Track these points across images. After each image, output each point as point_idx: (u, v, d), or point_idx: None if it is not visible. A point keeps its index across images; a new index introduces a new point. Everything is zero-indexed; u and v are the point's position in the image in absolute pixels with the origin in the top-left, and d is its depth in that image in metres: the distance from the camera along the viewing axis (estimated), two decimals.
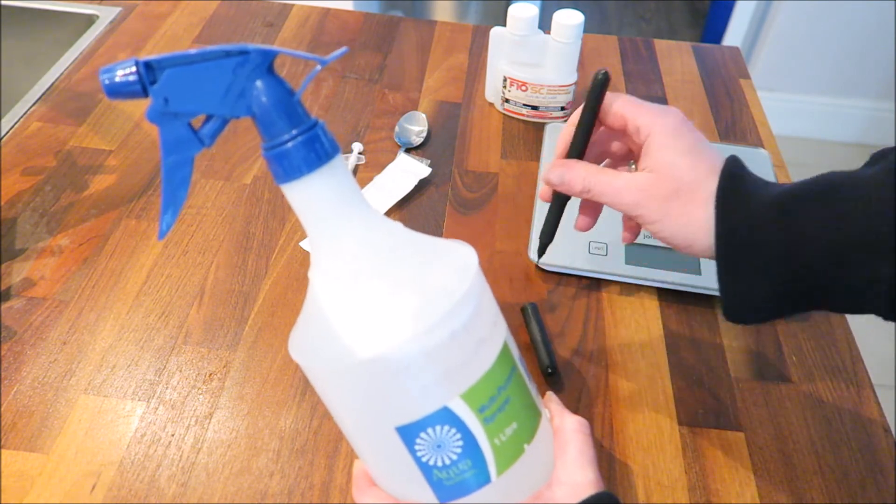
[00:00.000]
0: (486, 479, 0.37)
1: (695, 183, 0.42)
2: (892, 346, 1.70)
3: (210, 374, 0.56)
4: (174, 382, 0.55)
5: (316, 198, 0.36)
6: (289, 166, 0.35)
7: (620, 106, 0.45)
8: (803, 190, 0.40)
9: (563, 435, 0.41)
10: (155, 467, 0.50)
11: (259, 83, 0.35)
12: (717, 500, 0.49)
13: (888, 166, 0.39)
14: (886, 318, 0.40)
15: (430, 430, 0.36)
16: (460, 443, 0.36)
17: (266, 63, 0.35)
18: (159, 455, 0.51)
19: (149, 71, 0.34)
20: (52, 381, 0.55)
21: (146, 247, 0.65)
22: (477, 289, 0.37)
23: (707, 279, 0.63)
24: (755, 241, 0.40)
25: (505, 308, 0.45)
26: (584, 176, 0.45)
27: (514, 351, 0.40)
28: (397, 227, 0.38)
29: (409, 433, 0.36)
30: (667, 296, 0.64)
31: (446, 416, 0.35)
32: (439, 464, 0.37)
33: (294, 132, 0.35)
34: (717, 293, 0.63)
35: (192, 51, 0.34)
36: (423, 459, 0.36)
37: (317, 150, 0.35)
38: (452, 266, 0.37)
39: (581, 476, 0.39)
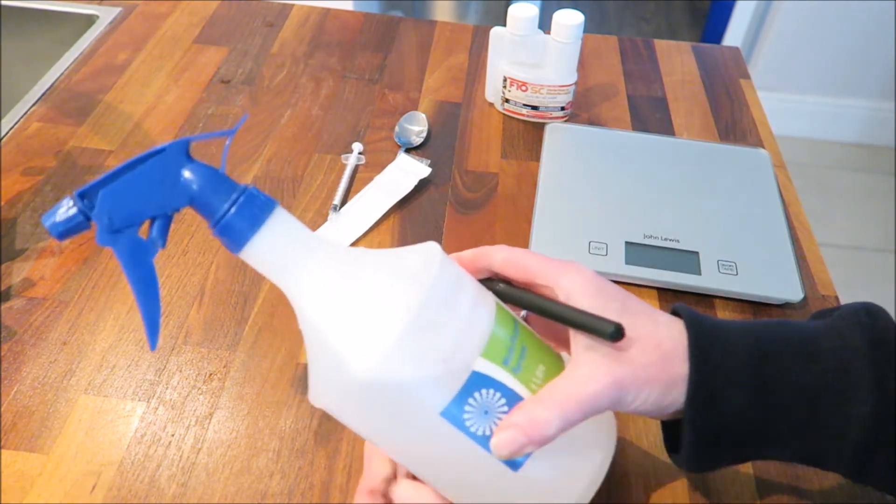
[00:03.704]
0: None
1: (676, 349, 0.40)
2: None
3: (210, 374, 0.56)
4: (174, 382, 0.55)
5: (270, 251, 0.38)
6: (238, 234, 0.37)
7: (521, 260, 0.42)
8: (773, 345, 0.40)
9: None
10: (155, 467, 0.50)
11: (185, 172, 0.37)
12: (717, 501, 0.49)
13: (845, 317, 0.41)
14: (851, 473, 0.40)
15: (471, 400, 0.37)
16: (503, 400, 0.37)
17: (183, 152, 0.37)
18: (159, 455, 0.51)
19: (85, 200, 0.36)
20: (52, 381, 0.55)
21: None
22: (448, 269, 0.39)
23: (707, 279, 0.63)
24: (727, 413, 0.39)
25: None
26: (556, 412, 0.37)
27: (510, 310, 0.42)
28: (359, 250, 0.40)
29: (454, 412, 0.37)
30: (667, 296, 0.64)
31: (479, 380, 0.37)
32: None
33: (230, 202, 0.37)
34: (716, 293, 0.63)
35: (117, 166, 0.37)
36: (479, 433, 0.37)
37: (258, 207, 0.37)
38: (419, 260, 0.39)
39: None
